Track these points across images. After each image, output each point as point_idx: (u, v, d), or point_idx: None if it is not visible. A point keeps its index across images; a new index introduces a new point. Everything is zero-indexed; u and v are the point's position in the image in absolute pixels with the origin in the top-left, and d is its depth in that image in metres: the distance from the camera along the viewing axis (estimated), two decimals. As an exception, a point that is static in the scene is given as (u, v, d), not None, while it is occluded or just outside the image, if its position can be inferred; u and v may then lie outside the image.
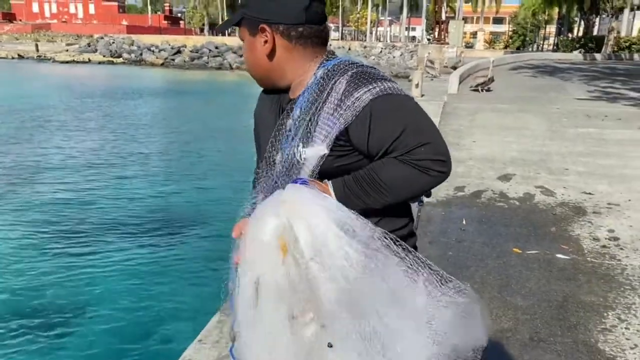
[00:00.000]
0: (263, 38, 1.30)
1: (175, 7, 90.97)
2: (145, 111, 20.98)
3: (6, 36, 64.14)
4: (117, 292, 6.00)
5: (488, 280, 3.47)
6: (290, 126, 1.31)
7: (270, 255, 1.11)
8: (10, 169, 10.94)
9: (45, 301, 5.73)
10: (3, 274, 6.27)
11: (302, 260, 1.10)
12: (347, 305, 1.10)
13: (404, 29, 66.70)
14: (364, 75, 1.24)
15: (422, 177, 1.21)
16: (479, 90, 14.20)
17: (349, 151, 1.26)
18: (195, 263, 6.79)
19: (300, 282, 1.11)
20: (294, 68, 1.33)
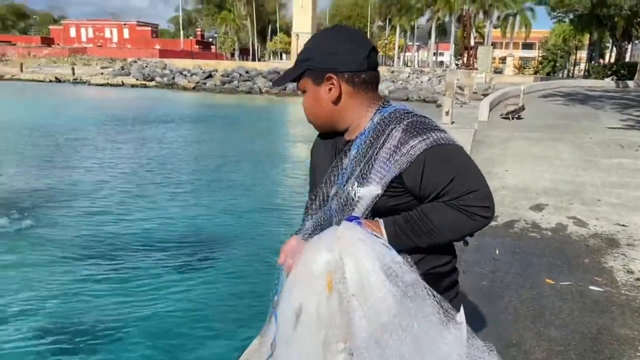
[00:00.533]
0: (328, 86, 1.43)
1: (207, 32, 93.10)
2: (177, 134, 21.47)
3: (45, 59, 66.39)
4: (151, 315, 6.07)
5: (521, 310, 3.52)
6: (346, 165, 1.43)
7: (317, 287, 1.23)
8: (45, 191, 11.25)
9: (79, 321, 5.86)
10: (39, 293, 6.44)
11: (345, 294, 1.21)
12: (376, 343, 1.20)
13: (432, 54, 67.04)
14: (418, 125, 1.36)
15: (469, 222, 1.33)
16: (509, 118, 14.22)
17: (401, 193, 1.37)
18: (228, 286, 6.90)
19: (339, 315, 1.22)
20: (355, 112, 1.46)
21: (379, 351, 1.20)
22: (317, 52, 1.45)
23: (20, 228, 8.80)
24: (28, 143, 17.77)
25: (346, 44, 1.43)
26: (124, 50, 73.55)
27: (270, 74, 48.26)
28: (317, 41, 1.49)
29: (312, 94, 1.48)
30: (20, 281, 6.75)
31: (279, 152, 18.25)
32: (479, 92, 24.77)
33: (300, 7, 59.96)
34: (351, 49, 1.42)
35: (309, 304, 1.25)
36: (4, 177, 12.53)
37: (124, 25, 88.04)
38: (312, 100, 1.49)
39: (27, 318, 5.85)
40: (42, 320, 5.83)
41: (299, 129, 24.17)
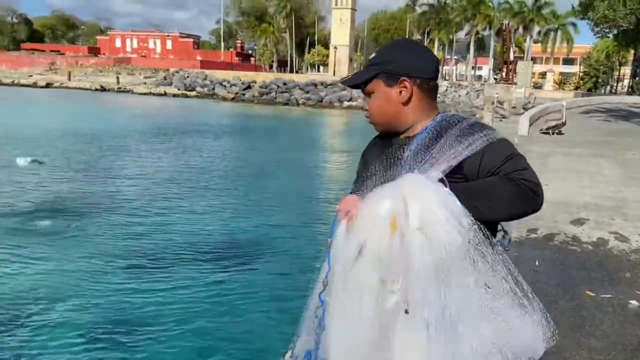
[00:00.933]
0: (400, 89, 1.59)
1: (247, 44, 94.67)
2: (216, 144, 21.93)
3: (91, 69, 68.69)
4: (190, 317, 6.27)
5: (561, 320, 3.56)
6: (406, 156, 1.55)
7: (381, 227, 1.30)
8: (89, 196, 11.70)
9: (121, 320, 6.10)
10: (82, 294, 6.71)
11: (407, 230, 1.27)
12: (436, 278, 1.26)
13: (471, 68, 66.54)
14: (477, 125, 1.53)
15: (524, 196, 1.40)
16: (549, 133, 14.09)
17: (459, 179, 1.47)
18: (264, 292, 7.04)
19: (400, 254, 1.28)
20: (419, 114, 1.61)
21: (435, 288, 1.26)
22: (394, 57, 1.62)
23: (65, 232, 9.17)
24: (74, 149, 18.48)
25: (421, 54, 1.63)
26: (166, 60, 75.38)
27: (308, 86, 48.75)
28: (394, 48, 1.67)
29: (383, 94, 1.62)
30: (65, 282, 7.05)
31: (316, 162, 18.46)
32: (518, 106, 24.52)
33: (339, 20, 60.55)
34: (424, 59, 1.62)
35: (371, 242, 1.32)
36: (52, 182, 13.09)
37: (167, 37, 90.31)
38: (382, 101, 1.63)
39: (72, 317, 6.11)
40: (86, 320, 6.08)
41: (336, 140, 24.39)
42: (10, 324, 5.89)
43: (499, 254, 1.36)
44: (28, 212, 10.19)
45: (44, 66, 70.62)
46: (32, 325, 5.89)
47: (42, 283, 6.99)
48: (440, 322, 1.27)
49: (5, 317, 6.01)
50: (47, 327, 5.90)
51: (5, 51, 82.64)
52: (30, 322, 5.96)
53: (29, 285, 6.89)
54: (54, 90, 53.99)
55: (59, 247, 8.40)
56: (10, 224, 9.33)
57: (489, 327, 1.31)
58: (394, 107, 1.62)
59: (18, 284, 6.96)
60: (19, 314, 6.12)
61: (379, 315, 1.32)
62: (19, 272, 7.33)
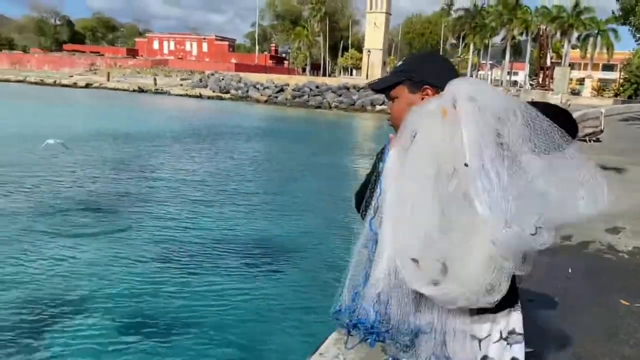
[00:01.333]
0: (423, 95, 1.71)
1: (281, 48, 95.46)
2: (249, 146, 22.21)
3: (129, 70, 70.34)
4: (221, 314, 6.44)
5: (594, 327, 3.56)
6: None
7: (432, 116, 1.40)
8: (125, 194, 12.03)
9: (153, 315, 6.31)
10: (118, 289, 6.93)
11: (460, 105, 1.33)
12: (491, 144, 1.30)
13: (506, 73, 65.61)
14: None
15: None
16: (586, 141, 13.84)
17: None
18: (293, 291, 7.16)
19: (452, 138, 1.33)
20: None
21: (493, 152, 1.30)
22: (419, 67, 1.76)
23: (98, 228, 9.44)
24: (112, 148, 19.00)
25: (444, 67, 1.76)
26: (202, 63, 76.61)
27: (340, 89, 48.85)
28: (421, 59, 1.86)
29: (406, 100, 1.74)
30: (101, 277, 7.28)
31: (346, 166, 18.53)
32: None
33: (374, 24, 60.44)
34: (447, 71, 1.73)
35: (424, 129, 1.42)
36: (89, 179, 13.51)
37: (203, 40, 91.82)
38: (405, 106, 1.73)
39: (101, 311, 6.31)
40: (115, 314, 6.27)
41: (367, 144, 24.40)
42: (44, 314, 6.12)
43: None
44: (63, 207, 10.55)
45: (84, 67, 72.68)
46: (65, 317, 6.12)
47: (75, 276, 7.24)
48: (496, 191, 1.27)
49: (39, 308, 6.24)
50: (78, 319, 6.11)
51: (48, 52, 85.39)
52: (63, 314, 6.18)
53: (61, 278, 7.16)
54: (93, 91, 55.50)
55: (91, 242, 8.67)
56: (45, 219, 9.68)
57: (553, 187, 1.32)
58: None
59: (51, 276, 7.23)
60: (51, 305, 6.35)
61: (439, 200, 1.34)
62: (51, 265, 7.60)
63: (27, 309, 6.22)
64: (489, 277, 1.34)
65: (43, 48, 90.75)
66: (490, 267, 1.33)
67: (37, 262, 7.65)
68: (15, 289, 6.73)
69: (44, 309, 6.24)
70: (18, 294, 6.58)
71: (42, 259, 7.81)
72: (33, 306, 6.28)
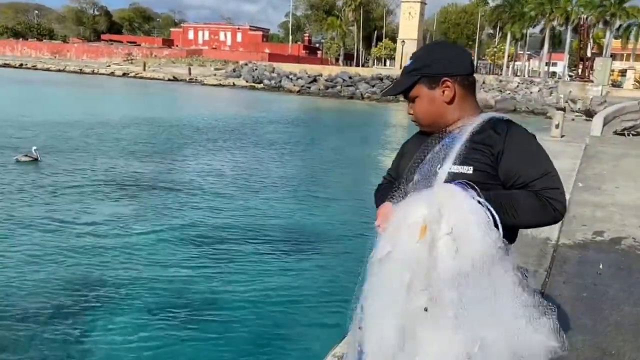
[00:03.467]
0: (444, 89, 1.67)
1: (314, 38, 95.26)
2: (281, 136, 22.35)
3: (164, 60, 71.32)
4: (247, 300, 6.57)
5: (623, 324, 3.52)
6: (438, 149, 1.64)
7: (410, 234, 1.42)
8: (153, 181, 12.31)
9: (180, 300, 6.47)
10: (145, 272, 7.14)
11: (438, 235, 1.39)
12: (458, 283, 1.37)
13: (544, 64, 64.06)
14: (512, 125, 1.64)
15: (548, 215, 1.55)
16: (625, 134, 13.48)
17: (489, 172, 1.59)
18: (317, 285, 7.21)
19: (426, 257, 1.39)
20: (463, 111, 1.69)
21: (459, 291, 1.39)
22: (432, 60, 1.68)
23: (131, 212, 9.72)
24: (149, 135, 19.42)
25: (455, 52, 1.72)
26: (236, 53, 77.01)
27: (373, 80, 48.57)
28: (429, 51, 1.75)
29: (427, 97, 1.69)
30: (128, 261, 7.52)
31: (377, 157, 18.49)
32: (594, 106, 23.48)
33: (408, 14, 59.82)
34: (460, 55, 1.71)
35: (399, 246, 1.45)
36: (127, 165, 13.86)
37: (237, 30, 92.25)
38: (427, 103, 1.70)
39: (133, 294, 6.52)
40: (146, 298, 6.47)
41: (399, 135, 24.26)
42: (76, 299, 6.35)
43: (514, 267, 1.48)
44: (97, 192, 10.90)
45: (121, 57, 74.01)
46: (96, 300, 6.35)
47: (107, 261, 7.49)
48: (461, 320, 1.40)
49: (70, 293, 6.47)
50: (110, 303, 6.32)
51: (86, 42, 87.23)
52: (95, 297, 6.42)
53: (93, 264, 7.40)
54: (130, 80, 56.59)
55: (122, 227, 8.94)
56: (76, 204, 10.01)
57: (500, 330, 1.41)
58: (439, 107, 1.69)
59: (84, 261, 7.49)
60: (83, 290, 6.59)
61: (406, 312, 1.45)
62: (85, 250, 7.87)
63: (60, 294, 6.45)
64: None
65: (82, 38, 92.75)
66: None
67: (71, 247, 7.94)
68: (50, 273, 7.00)
69: (78, 293, 6.48)
70: (53, 279, 6.84)
71: (76, 243, 8.10)
72: (66, 291, 6.53)
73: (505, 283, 1.42)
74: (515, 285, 1.44)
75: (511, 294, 1.43)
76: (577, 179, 7.89)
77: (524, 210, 1.53)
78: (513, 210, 1.52)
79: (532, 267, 4.35)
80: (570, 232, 5.39)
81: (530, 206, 1.53)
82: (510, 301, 1.43)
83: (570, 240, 5.12)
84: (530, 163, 1.58)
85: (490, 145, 1.59)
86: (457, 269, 1.37)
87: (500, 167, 1.58)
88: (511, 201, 1.53)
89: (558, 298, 3.85)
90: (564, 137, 11.97)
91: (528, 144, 1.62)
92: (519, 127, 1.66)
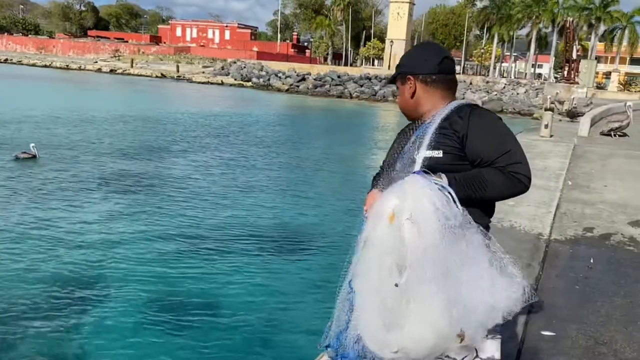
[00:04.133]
0: (409, 85, 1.94)
1: (303, 36, 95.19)
2: (269, 134, 22.36)
3: (152, 57, 70.85)
4: (237, 295, 6.62)
5: (614, 315, 3.65)
6: (414, 138, 1.88)
7: (382, 220, 1.64)
8: (143, 178, 12.29)
9: (171, 293, 6.52)
10: (132, 275, 7.06)
11: (401, 220, 1.58)
12: (425, 257, 1.55)
13: (531, 65, 64.69)
14: (479, 110, 1.85)
15: (513, 187, 1.75)
16: (611, 135, 13.74)
17: (458, 154, 1.79)
18: (312, 278, 7.30)
19: (396, 240, 1.59)
20: (427, 104, 1.94)
21: (430, 265, 1.56)
22: (405, 60, 2.00)
23: (121, 209, 9.70)
24: (138, 133, 19.34)
25: (424, 54, 1.98)
26: (224, 51, 76.72)
27: (362, 80, 48.74)
28: (408, 53, 2.05)
29: (401, 90, 2.02)
30: (123, 258, 7.51)
31: (364, 155, 18.60)
32: (579, 107, 23.81)
33: (397, 14, 60.04)
34: (427, 56, 1.96)
35: (374, 232, 1.66)
36: (114, 164, 13.82)
37: (225, 27, 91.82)
38: (401, 96, 2.03)
39: (126, 291, 6.51)
40: (138, 295, 6.46)
41: (386, 134, 24.42)
42: (65, 296, 6.32)
43: (479, 233, 1.66)
44: (88, 189, 10.88)
45: (108, 53, 73.40)
46: (86, 296, 6.34)
47: (97, 256, 7.49)
48: (438, 287, 1.57)
49: (62, 290, 6.45)
50: (97, 298, 6.33)
51: (73, 38, 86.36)
52: (85, 293, 6.41)
53: (85, 257, 7.41)
54: (117, 77, 56.17)
55: (114, 222, 8.93)
56: (68, 203, 9.99)
57: (474, 289, 1.59)
58: (407, 100, 2.00)
59: (75, 254, 7.50)
60: (74, 284, 6.59)
61: (387, 289, 1.63)
62: (74, 244, 7.87)
63: (50, 287, 6.46)
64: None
65: (68, 33, 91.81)
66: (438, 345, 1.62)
67: (62, 240, 7.92)
68: (39, 268, 6.98)
69: (68, 288, 6.48)
70: (42, 273, 6.83)
71: (64, 236, 8.09)
72: (56, 284, 6.53)
73: (474, 248, 1.62)
74: (482, 246, 1.63)
75: (480, 257, 1.62)
76: (566, 178, 8.07)
77: (491, 186, 1.74)
78: (482, 187, 1.74)
79: (526, 260, 4.49)
80: (561, 228, 5.54)
81: (496, 181, 1.73)
82: (480, 262, 1.61)
83: (562, 236, 5.27)
84: (492, 143, 1.78)
85: (455, 129, 1.80)
86: (422, 246, 1.56)
87: (466, 149, 1.79)
88: (478, 179, 1.74)
89: (552, 290, 3.98)
90: (553, 137, 12.18)
91: (489, 125, 1.82)
92: (482, 110, 1.87)
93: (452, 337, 1.59)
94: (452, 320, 1.57)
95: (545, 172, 8.39)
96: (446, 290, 1.56)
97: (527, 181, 1.75)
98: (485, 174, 1.74)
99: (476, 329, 1.61)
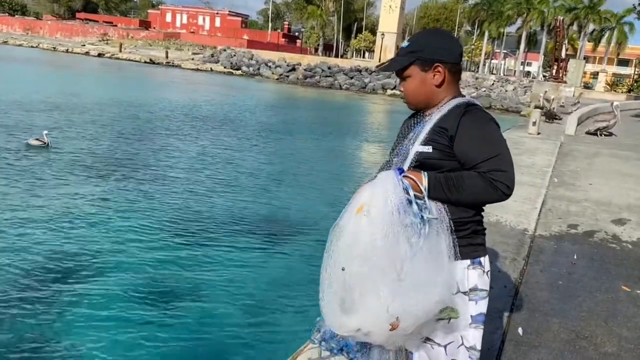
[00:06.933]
0: (434, 73, 1.86)
1: (294, 26, 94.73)
2: (259, 123, 22.24)
3: (141, 42, 70.09)
4: (227, 285, 6.53)
5: (595, 310, 3.74)
6: (414, 132, 1.88)
7: (352, 211, 1.75)
8: (130, 167, 12.15)
9: (161, 283, 6.43)
10: (120, 263, 6.99)
11: (365, 212, 1.70)
12: (374, 250, 1.66)
13: (520, 63, 65.08)
14: (475, 111, 1.82)
15: (493, 195, 1.73)
16: (597, 134, 13.90)
17: (448, 152, 1.79)
18: (300, 269, 7.23)
19: (357, 230, 1.70)
20: (446, 94, 1.89)
21: (373, 256, 1.66)
22: (428, 45, 1.87)
23: (110, 197, 9.60)
24: (125, 118, 19.18)
25: (450, 41, 1.91)
26: (214, 38, 76.09)
27: (352, 72, 48.67)
28: (427, 38, 1.93)
29: (419, 78, 1.89)
30: (111, 247, 7.39)
31: (354, 147, 18.64)
32: (567, 106, 24.05)
33: (389, 7, 59.90)
34: (453, 45, 1.91)
35: (342, 221, 1.77)
36: (105, 148, 13.71)
37: (216, 14, 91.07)
38: (418, 84, 1.90)
39: (113, 281, 6.39)
40: (128, 282, 6.38)
41: (375, 127, 24.47)
42: (55, 284, 6.21)
43: (442, 234, 1.74)
44: (75, 175, 10.78)
45: (96, 36, 72.52)
46: (74, 285, 6.22)
47: (84, 245, 7.38)
48: (388, 277, 1.67)
49: (49, 279, 6.34)
50: (85, 287, 6.22)
51: (60, 19, 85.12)
52: (72, 282, 6.30)
53: (73, 249, 7.30)
54: (106, 60, 55.46)
55: (101, 210, 8.84)
56: (52, 190, 9.90)
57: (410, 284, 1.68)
58: (429, 88, 1.89)
59: (63, 243, 7.38)
60: (62, 273, 6.48)
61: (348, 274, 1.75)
62: (62, 233, 7.74)
63: (38, 276, 6.34)
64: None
65: (56, 15, 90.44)
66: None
67: (49, 229, 7.84)
68: (26, 257, 6.87)
69: (54, 276, 6.37)
70: (30, 262, 6.72)
71: (53, 225, 8.01)
72: (44, 273, 6.41)
73: (429, 244, 1.70)
74: (435, 244, 1.72)
75: (433, 251, 1.71)
76: (552, 175, 8.18)
77: (468, 189, 1.72)
78: (459, 189, 1.72)
79: (511, 255, 4.56)
80: (546, 224, 5.62)
81: (474, 186, 1.72)
82: (426, 260, 1.69)
83: (547, 232, 5.35)
84: (478, 146, 1.75)
85: (446, 128, 1.78)
86: (370, 239, 1.65)
87: (454, 148, 1.77)
88: (458, 181, 1.73)
89: (535, 285, 4.06)
90: (540, 135, 12.30)
91: (478, 129, 1.78)
92: (476, 111, 1.82)
93: (386, 326, 1.68)
94: (390, 310, 1.65)
95: (532, 169, 8.49)
96: (385, 282, 1.65)
97: (507, 189, 1.71)
98: (466, 177, 1.73)
99: (411, 321, 1.68)
